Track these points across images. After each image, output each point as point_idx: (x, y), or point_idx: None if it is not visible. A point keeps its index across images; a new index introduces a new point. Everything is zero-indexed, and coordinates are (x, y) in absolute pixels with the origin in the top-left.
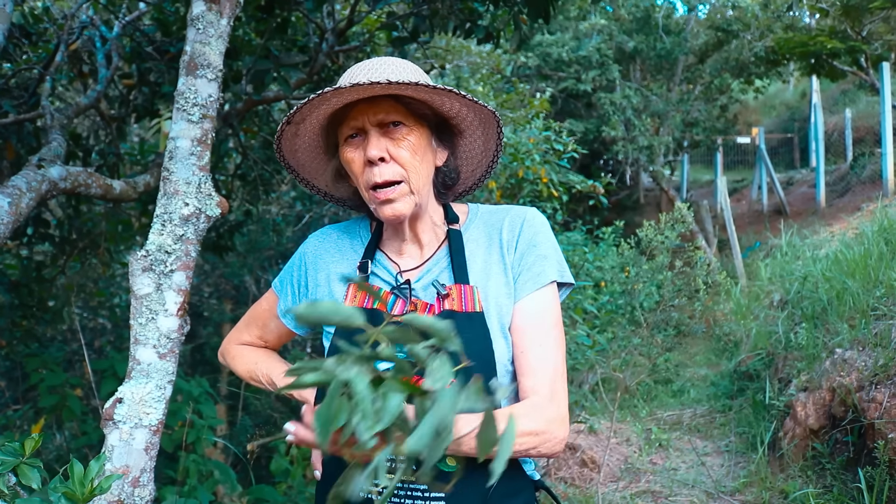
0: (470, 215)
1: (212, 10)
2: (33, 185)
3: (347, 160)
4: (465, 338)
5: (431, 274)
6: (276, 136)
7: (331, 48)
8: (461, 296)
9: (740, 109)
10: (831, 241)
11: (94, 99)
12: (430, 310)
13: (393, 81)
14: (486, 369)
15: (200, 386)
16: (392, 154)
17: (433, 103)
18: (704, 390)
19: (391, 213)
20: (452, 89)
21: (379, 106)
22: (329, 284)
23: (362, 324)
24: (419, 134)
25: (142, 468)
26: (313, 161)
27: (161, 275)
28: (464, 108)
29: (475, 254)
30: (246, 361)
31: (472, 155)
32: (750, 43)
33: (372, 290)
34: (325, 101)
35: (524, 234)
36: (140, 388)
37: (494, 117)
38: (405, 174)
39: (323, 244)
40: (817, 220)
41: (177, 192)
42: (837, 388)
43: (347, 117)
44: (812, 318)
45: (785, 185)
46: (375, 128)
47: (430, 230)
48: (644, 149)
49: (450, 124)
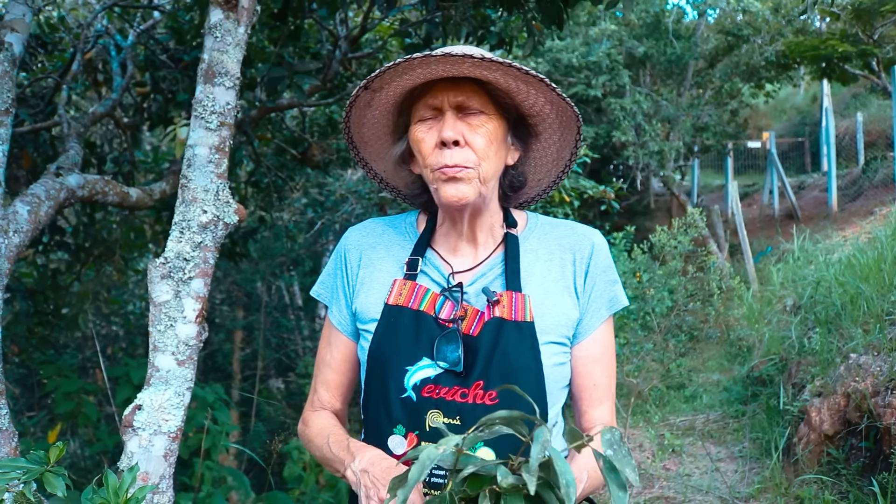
0: (529, 223)
1: (229, 18)
2: (52, 193)
3: (417, 139)
4: (511, 347)
5: (485, 279)
6: (349, 102)
7: (344, 55)
8: (511, 303)
9: (751, 114)
10: (844, 246)
11: (110, 107)
12: (481, 317)
13: (487, 58)
14: (532, 380)
15: (215, 392)
16: (467, 139)
17: (517, 96)
18: (717, 395)
19: (455, 194)
20: (544, 78)
21: (461, 89)
22: (371, 282)
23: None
24: (497, 125)
25: (161, 475)
26: (378, 140)
27: (180, 282)
28: (547, 105)
29: (533, 264)
30: (317, 446)
31: (543, 163)
32: (760, 47)
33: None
34: (409, 70)
35: (596, 257)
36: (159, 395)
37: (577, 120)
38: (477, 162)
39: (366, 237)
40: (829, 224)
41: (195, 200)
42: (852, 394)
43: (425, 96)
44: (826, 322)
45: (796, 189)
46: (453, 110)
47: (488, 230)
48: (654, 154)
49: (527, 124)
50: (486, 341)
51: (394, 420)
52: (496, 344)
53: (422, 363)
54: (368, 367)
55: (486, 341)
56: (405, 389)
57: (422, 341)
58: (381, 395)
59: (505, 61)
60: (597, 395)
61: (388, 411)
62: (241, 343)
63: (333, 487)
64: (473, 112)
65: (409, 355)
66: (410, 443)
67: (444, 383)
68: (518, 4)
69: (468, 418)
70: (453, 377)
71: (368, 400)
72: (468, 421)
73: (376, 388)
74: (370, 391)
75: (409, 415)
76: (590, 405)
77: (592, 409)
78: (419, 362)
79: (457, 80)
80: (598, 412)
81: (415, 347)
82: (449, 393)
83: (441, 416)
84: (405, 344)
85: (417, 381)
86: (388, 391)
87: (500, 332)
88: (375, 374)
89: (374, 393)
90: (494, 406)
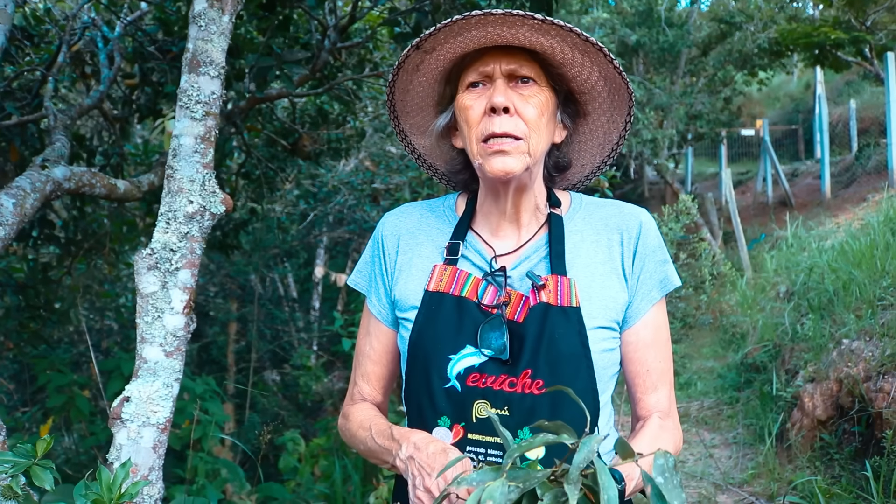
0: (574, 204)
1: (213, 6)
2: (37, 185)
3: (465, 106)
4: (559, 333)
5: (529, 262)
6: (397, 63)
7: (333, 45)
8: (557, 288)
9: (744, 101)
10: (837, 233)
11: (97, 99)
12: (525, 302)
13: (548, 20)
14: (582, 367)
15: (207, 384)
16: (518, 108)
17: (571, 68)
18: (711, 382)
19: (501, 167)
20: (603, 47)
21: (514, 56)
22: (410, 269)
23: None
24: (548, 97)
25: (150, 466)
26: (421, 110)
27: (166, 273)
28: (600, 81)
29: (579, 246)
30: (360, 439)
31: (589, 146)
32: (753, 34)
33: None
34: (465, 30)
35: (644, 238)
36: (147, 387)
37: (629, 100)
38: (527, 132)
39: (403, 222)
40: (823, 211)
41: (181, 190)
42: (845, 379)
43: (476, 62)
44: (818, 309)
45: (790, 176)
46: (504, 78)
47: (532, 210)
48: (648, 142)
49: (577, 102)
50: (533, 327)
51: (438, 411)
52: (542, 330)
53: (465, 351)
54: (409, 357)
55: (533, 327)
56: (449, 379)
57: (465, 328)
58: (423, 385)
59: (566, 25)
60: (650, 382)
61: (432, 402)
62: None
63: (329, 478)
64: (526, 81)
65: (451, 343)
66: (456, 434)
67: (490, 372)
68: None
69: (516, 408)
70: (499, 365)
71: (410, 391)
72: (517, 411)
73: (418, 378)
74: (412, 382)
75: (455, 405)
76: (644, 392)
77: (647, 396)
78: (462, 350)
79: (510, 48)
80: (652, 399)
81: (457, 335)
82: (496, 382)
83: (489, 406)
84: (447, 332)
85: (461, 370)
86: (430, 381)
87: (546, 317)
88: (417, 363)
89: (416, 383)
90: (542, 396)
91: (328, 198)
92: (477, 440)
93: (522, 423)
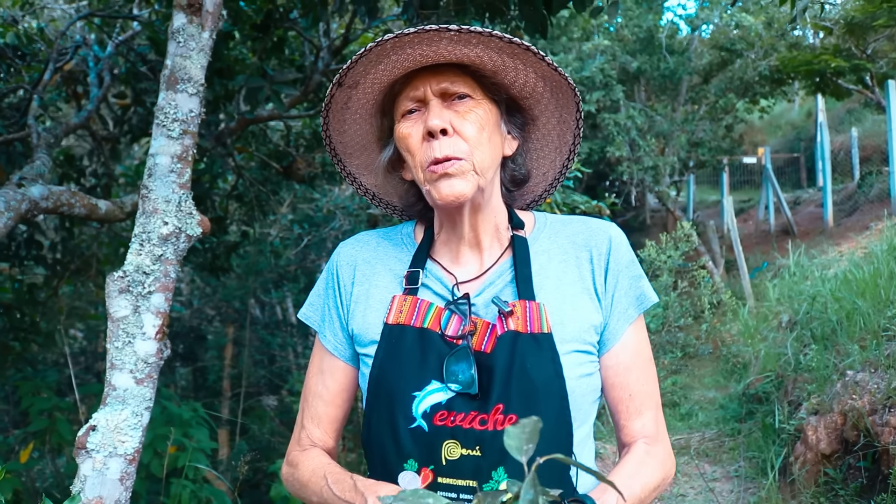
0: (538, 224)
1: (193, 23)
2: (12, 204)
3: (403, 136)
4: (530, 362)
5: (494, 288)
6: (324, 105)
7: (326, 66)
8: (526, 314)
9: (746, 129)
10: (840, 261)
11: (84, 118)
12: (493, 331)
13: (465, 29)
14: (555, 395)
15: (194, 410)
16: (456, 127)
17: (505, 75)
18: (712, 413)
19: (449, 191)
20: (530, 46)
21: (444, 74)
22: (367, 300)
23: None
24: (487, 110)
25: (116, 499)
26: (363, 149)
27: (139, 296)
28: (539, 82)
29: (546, 268)
30: (313, 491)
31: (545, 152)
32: (754, 62)
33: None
34: (383, 57)
35: (615, 253)
36: (115, 415)
37: (574, 95)
38: (469, 151)
39: (359, 251)
40: (825, 239)
41: (156, 211)
42: (849, 412)
43: (406, 88)
44: (822, 339)
45: (792, 204)
46: (438, 98)
47: (493, 232)
48: (649, 169)
49: (521, 108)
50: (502, 358)
51: (404, 454)
52: (513, 360)
53: (431, 387)
54: (370, 396)
55: (502, 358)
56: (414, 418)
57: (429, 362)
58: (386, 426)
59: (485, 31)
60: (634, 406)
61: (397, 444)
62: (230, 360)
63: None
64: (460, 98)
65: (415, 379)
66: (425, 479)
67: (459, 409)
68: (500, 13)
69: (489, 448)
70: (468, 401)
71: (371, 432)
72: (489, 451)
73: (381, 418)
74: (373, 422)
75: (422, 447)
76: (628, 418)
77: (631, 423)
78: (427, 386)
79: (438, 67)
80: (637, 424)
81: (421, 370)
82: (466, 420)
83: (459, 448)
84: (410, 367)
85: (427, 408)
86: (395, 421)
87: (515, 346)
88: (379, 402)
89: (379, 424)
90: None
91: (324, 222)
92: (448, 484)
93: (496, 464)
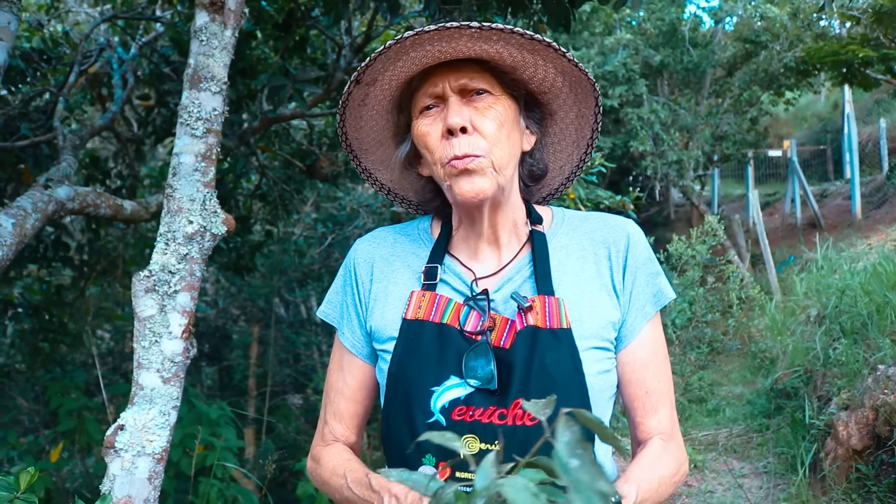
0: (556, 219)
1: (215, 21)
2: (39, 205)
3: (422, 133)
4: (550, 358)
5: (513, 283)
6: (341, 102)
7: (348, 64)
8: (545, 309)
9: (771, 122)
10: (869, 254)
11: (109, 120)
12: (511, 326)
13: (486, 26)
14: (574, 391)
15: (222, 409)
16: (475, 124)
17: (524, 71)
18: (740, 409)
19: (470, 188)
20: (552, 42)
21: (462, 70)
22: (386, 297)
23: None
24: (506, 106)
25: (145, 498)
26: (380, 145)
27: (165, 296)
28: (558, 77)
29: (564, 263)
30: (334, 488)
31: (563, 146)
32: (779, 54)
33: None
34: (402, 54)
35: (633, 250)
36: (143, 415)
37: (593, 90)
38: (488, 148)
39: (377, 249)
40: (853, 232)
41: (181, 210)
42: (881, 407)
43: (424, 84)
44: (851, 333)
45: (819, 197)
46: (457, 94)
47: (511, 228)
48: (673, 164)
49: (539, 103)
50: (521, 353)
51: (422, 449)
52: (532, 355)
53: (449, 382)
54: (388, 391)
55: (521, 353)
56: (432, 413)
57: (447, 358)
58: (404, 421)
59: (506, 27)
60: (650, 404)
61: (415, 440)
62: (256, 359)
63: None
64: (480, 93)
65: (434, 375)
66: (443, 474)
67: (478, 404)
68: (523, 7)
69: (509, 442)
70: (487, 396)
71: (390, 428)
72: (509, 445)
73: (399, 413)
74: (392, 418)
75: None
76: (644, 415)
77: (647, 419)
78: (446, 381)
79: (457, 63)
80: (653, 421)
81: (440, 365)
82: (485, 414)
83: (478, 442)
84: (429, 362)
85: (446, 403)
86: (413, 417)
87: (535, 341)
88: (397, 398)
89: (397, 419)
90: (535, 427)
91: (347, 221)
92: (466, 479)
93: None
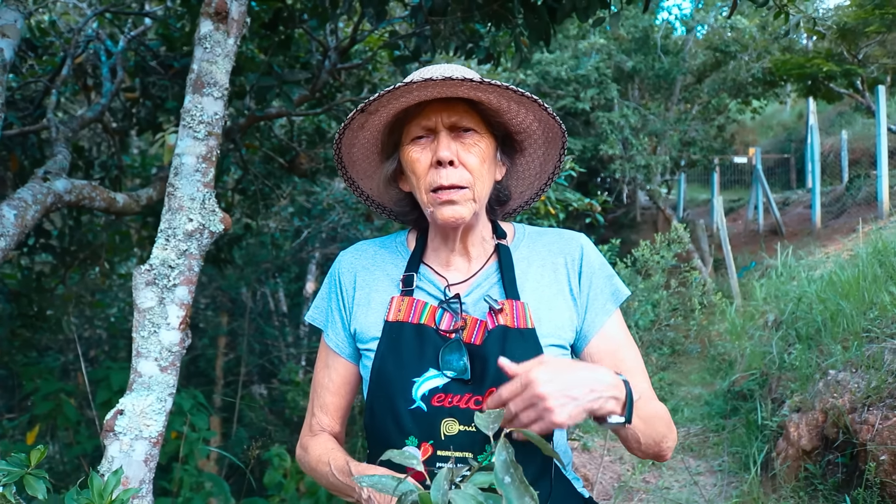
0: (517, 234)
1: (219, 30)
2: (39, 197)
3: (411, 160)
4: (518, 352)
5: (481, 289)
6: (343, 125)
7: (333, 66)
8: (513, 311)
9: (737, 129)
10: (826, 263)
11: (99, 112)
12: (481, 326)
13: (486, 81)
14: None
15: (194, 398)
16: (461, 159)
17: (507, 114)
18: (698, 410)
19: (451, 215)
20: (538, 99)
21: (454, 109)
22: (369, 303)
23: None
24: (488, 143)
25: (141, 479)
26: (367, 159)
27: (164, 289)
28: (535, 122)
29: (526, 273)
30: (321, 474)
31: (526, 176)
32: (747, 64)
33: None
34: (407, 93)
35: (586, 259)
36: (141, 401)
37: (562, 136)
38: (471, 181)
39: (359, 260)
40: (812, 240)
41: (181, 208)
42: (830, 410)
43: (418, 116)
44: (806, 338)
45: (781, 205)
46: (447, 130)
47: (480, 243)
48: (641, 168)
49: (514, 141)
50: (494, 349)
51: (405, 432)
52: (504, 351)
53: (428, 374)
54: (372, 384)
55: (494, 349)
56: (414, 401)
57: (426, 353)
58: (388, 408)
59: (502, 84)
60: (632, 379)
61: (398, 423)
62: (224, 349)
63: (314, 495)
64: (466, 131)
65: (414, 367)
66: (425, 452)
67: (455, 391)
68: (506, 20)
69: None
70: (462, 385)
71: (375, 416)
72: None
73: (382, 403)
74: (376, 407)
75: (421, 425)
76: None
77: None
78: (426, 373)
79: (449, 99)
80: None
81: (419, 359)
82: (462, 400)
83: (457, 424)
84: (410, 357)
85: (426, 392)
86: (395, 404)
87: (505, 339)
88: (381, 389)
89: (381, 408)
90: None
91: (322, 215)
92: (446, 456)
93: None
